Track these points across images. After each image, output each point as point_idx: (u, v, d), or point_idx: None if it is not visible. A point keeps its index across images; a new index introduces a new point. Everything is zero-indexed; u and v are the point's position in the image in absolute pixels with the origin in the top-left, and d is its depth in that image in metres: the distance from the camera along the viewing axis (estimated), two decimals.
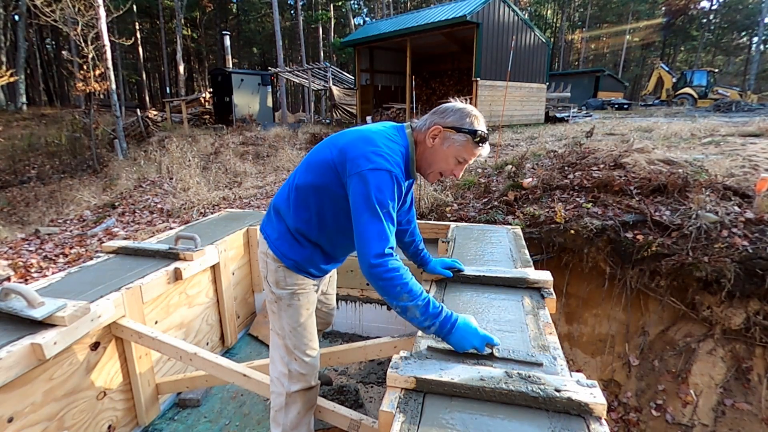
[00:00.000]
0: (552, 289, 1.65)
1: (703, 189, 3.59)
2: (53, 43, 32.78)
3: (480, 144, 1.34)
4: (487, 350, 1.19)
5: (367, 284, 2.69)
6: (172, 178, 8.16)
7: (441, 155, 1.37)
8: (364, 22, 37.54)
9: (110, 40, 10.53)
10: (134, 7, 23.00)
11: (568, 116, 14.82)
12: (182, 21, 24.95)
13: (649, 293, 3.27)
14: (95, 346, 1.71)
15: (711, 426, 2.79)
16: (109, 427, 1.79)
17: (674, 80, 23.08)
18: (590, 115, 15.92)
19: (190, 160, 8.89)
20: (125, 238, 5.37)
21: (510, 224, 3.71)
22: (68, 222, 6.56)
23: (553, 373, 1.11)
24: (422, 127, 1.39)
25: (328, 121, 16.58)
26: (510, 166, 5.23)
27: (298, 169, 1.46)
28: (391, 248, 1.22)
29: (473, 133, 1.32)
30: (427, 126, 1.37)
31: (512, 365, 1.14)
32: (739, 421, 2.75)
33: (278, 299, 1.47)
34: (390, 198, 1.24)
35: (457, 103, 1.40)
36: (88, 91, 10.15)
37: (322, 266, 1.51)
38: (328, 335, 2.83)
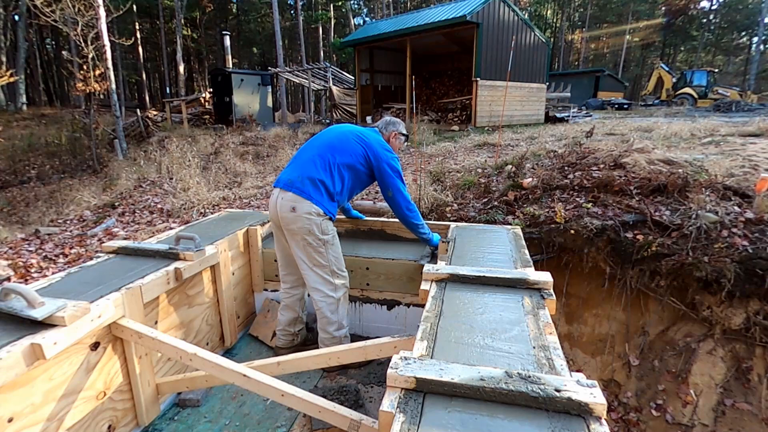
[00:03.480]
0: (552, 290, 1.65)
1: (703, 189, 3.59)
2: (53, 43, 32.79)
3: (407, 141, 2.64)
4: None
5: (368, 284, 2.69)
6: (172, 178, 8.16)
7: (395, 147, 2.45)
8: (364, 22, 37.53)
9: (110, 40, 10.53)
10: (134, 7, 23.00)
11: (568, 116, 14.82)
12: (182, 21, 24.95)
13: (649, 293, 3.27)
14: (95, 346, 1.70)
15: (711, 426, 2.79)
16: (109, 427, 1.79)
17: (674, 80, 23.09)
18: (590, 115, 15.92)
19: (190, 160, 8.89)
20: (125, 238, 5.37)
21: (510, 224, 3.71)
22: (68, 222, 6.56)
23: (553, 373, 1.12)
24: (385, 131, 2.47)
25: (328, 121, 16.58)
26: (510, 166, 5.23)
27: (331, 149, 2.18)
28: None
29: (407, 136, 2.57)
30: (389, 131, 2.48)
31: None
32: (739, 421, 2.75)
33: (325, 242, 2.15)
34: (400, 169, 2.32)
35: (388, 117, 2.54)
36: (88, 91, 10.15)
37: (335, 216, 2.26)
38: None
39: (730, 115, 13.38)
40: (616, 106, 20.38)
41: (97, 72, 10.25)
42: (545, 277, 1.69)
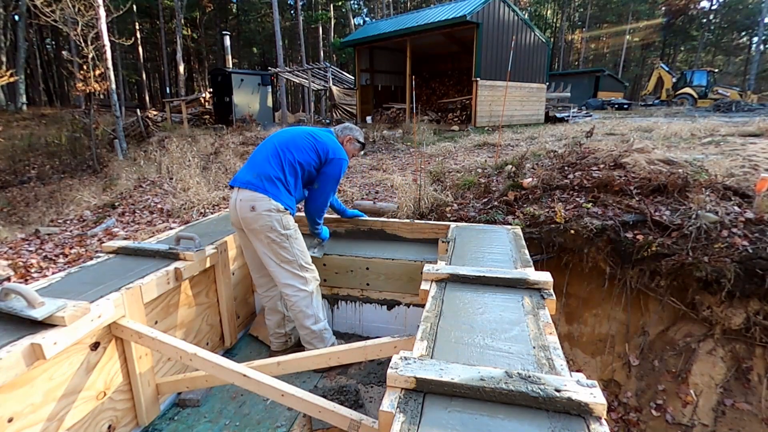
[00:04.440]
0: (552, 290, 1.65)
1: (703, 189, 3.59)
2: (53, 43, 32.79)
3: (363, 150, 2.78)
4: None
5: (368, 284, 2.69)
6: (172, 178, 8.16)
7: (348, 153, 2.49)
8: (364, 22, 37.52)
9: (110, 40, 10.52)
10: (134, 7, 23.00)
11: (568, 116, 14.82)
12: (182, 21, 24.94)
13: (649, 293, 3.27)
14: (95, 346, 1.70)
15: (711, 426, 2.79)
16: (109, 427, 1.79)
17: (674, 80, 23.10)
18: (590, 115, 15.92)
19: (190, 160, 8.89)
20: (125, 238, 5.37)
21: (510, 224, 3.71)
22: (68, 222, 6.56)
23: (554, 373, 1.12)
24: (341, 134, 2.53)
25: (328, 121, 16.58)
26: (510, 166, 5.23)
27: (286, 148, 2.25)
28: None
29: (363, 144, 2.65)
30: (344, 135, 2.53)
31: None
32: (739, 421, 2.75)
33: (288, 236, 2.20)
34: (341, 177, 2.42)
35: (347, 123, 2.64)
36: (88, 91, 10.15)
37: (295, 211, 2.33)
38: None
39: (730, 115, 13.38)
40: (616, 106, 20.38)
41: (97, 72, 10.25)
42: (545, 277, 1.69)
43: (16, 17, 20.35)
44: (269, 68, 20.04)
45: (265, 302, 2.52)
